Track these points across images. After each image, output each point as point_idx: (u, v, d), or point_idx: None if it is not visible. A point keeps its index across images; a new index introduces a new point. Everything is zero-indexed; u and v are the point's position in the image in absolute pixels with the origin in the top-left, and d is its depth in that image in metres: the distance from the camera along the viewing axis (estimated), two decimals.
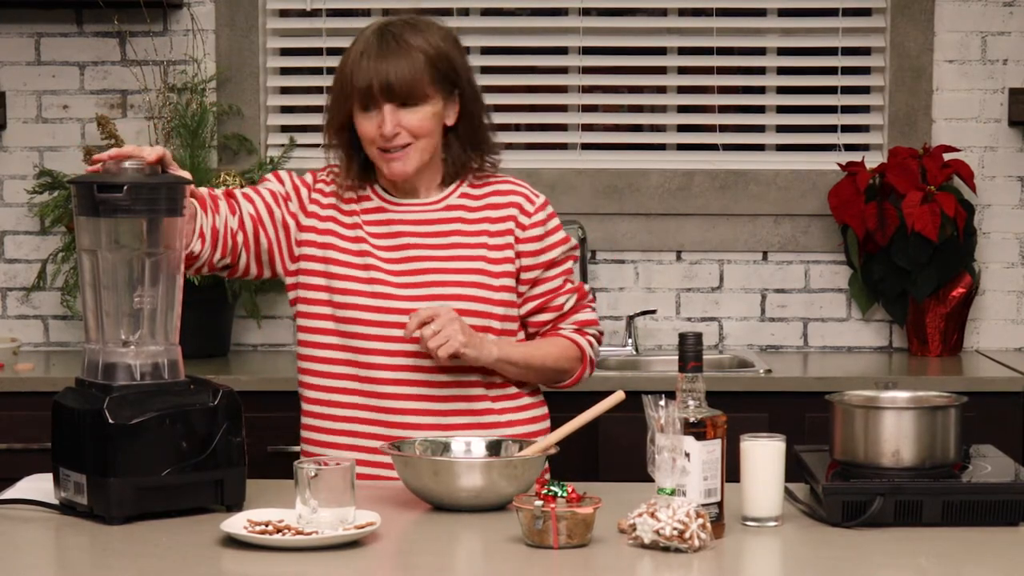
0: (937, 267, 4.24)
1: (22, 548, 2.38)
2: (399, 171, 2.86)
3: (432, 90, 2.84)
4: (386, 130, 2.82)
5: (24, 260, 4.49)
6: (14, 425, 3.87)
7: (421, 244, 2.88)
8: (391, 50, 2.83)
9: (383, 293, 2.85)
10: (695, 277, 4.46)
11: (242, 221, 2.87)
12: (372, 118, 2.83)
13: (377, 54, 2.83)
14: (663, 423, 2.31)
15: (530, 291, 2.93)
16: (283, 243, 2.91)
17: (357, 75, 2.83)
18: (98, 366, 2.52)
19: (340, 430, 2.88)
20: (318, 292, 2.89)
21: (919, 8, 4.39)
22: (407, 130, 2.83)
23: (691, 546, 2.28)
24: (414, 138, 2.84)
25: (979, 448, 2.72)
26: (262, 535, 2.30)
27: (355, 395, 2.86)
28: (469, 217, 2.91)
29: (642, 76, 4.54)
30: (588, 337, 2.97)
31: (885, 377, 3.97)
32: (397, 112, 2.82)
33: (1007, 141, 4.43)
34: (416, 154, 2.85)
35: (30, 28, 4.44)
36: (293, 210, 2.92)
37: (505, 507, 2.52)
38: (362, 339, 2.85)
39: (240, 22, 4.43)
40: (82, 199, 2.52)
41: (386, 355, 2.84)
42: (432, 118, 2.85)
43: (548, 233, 2.94)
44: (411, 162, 2.85)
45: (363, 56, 2.84)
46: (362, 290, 2.86)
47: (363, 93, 2.82)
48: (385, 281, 2.85)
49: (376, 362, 2.85)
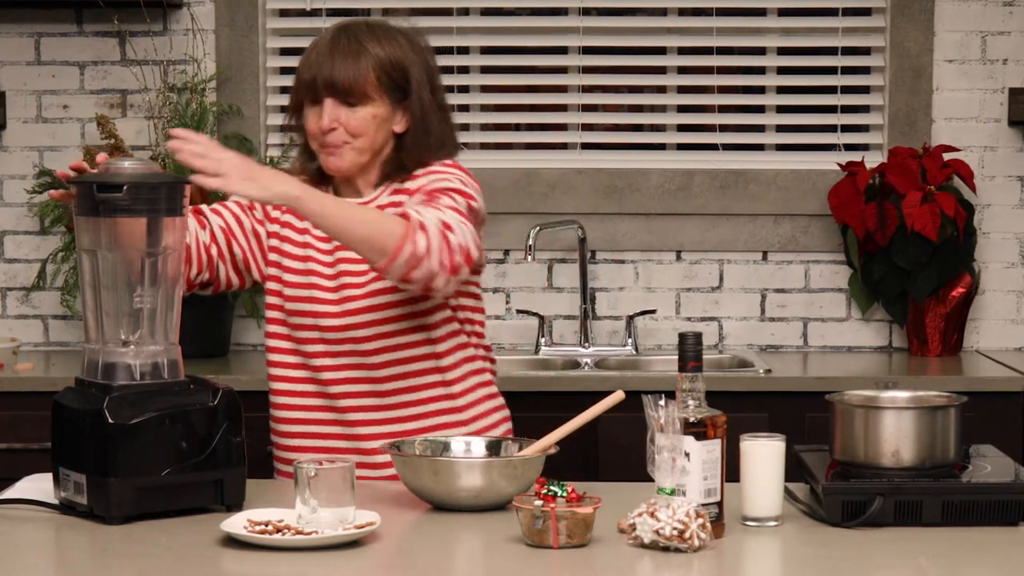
0: (937, 267, 4.24)
1: (22, 548, 2.38)
2: (334, 166, 2.85)
3: (377, 93, 2.83)
4: (322, 123, 2.82)
5: (24, 260, 4.49)
6: (14, 425, 3.87)
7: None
8: (341, 48, 2.83)
9: (319, 298, 2.85)
10: (695, 277, 4.46)
11: (213, 234, 2.88)
12: (315, 112, 2.84)
13: (328, 50, 2.84)
14: (663, 423, 2.31)
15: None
16: (256, 250, 2.92)
17: (305, 69, 2.85)
18: (98, 366, 2.52)
19: (303, 432, 2.89)
20: (274, 297, 2.91)
21: (919, 8, 4.39)
22: (345, 128, 2.82)
23: (691, 546, 2.28)
24: (352, 137, 2.83)
25: (979, 448, 2.72)
26: (262, 535, 2.30)
27: (313, 397, 2.88)
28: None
29: (642, 76, 4.54)
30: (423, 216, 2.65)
31: (885, 377, 3.97)
32: (338, 108, 2.82)
33: (1007, 141, 4.43)
34: (352, 153, 2.84)
35: (30, 28, 4.44)
36: (259, 217, 2.93)
37: (505, 507, 2.51)
38: (309, 344, 2.87)
39: (240, 22, 4.43)
40: (82, 199, 2.52)
41: (331, 357, 2.85)
42: (372, 120, 2.83)
43: (427, 173, 2.85)
44: (345, 159, 2.84)
45: (315, 51, 2.85)
46: (303, 296, 2.87)
47: (308, 86, 2.84)
48: (321, 286, 2.86)
49: (324, 363, 2.86)
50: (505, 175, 4.43)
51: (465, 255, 2.67)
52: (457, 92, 4.50)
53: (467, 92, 4.53)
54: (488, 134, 4.56)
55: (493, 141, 4.55)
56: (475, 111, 4.55)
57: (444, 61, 4.43)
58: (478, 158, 4.48)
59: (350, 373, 2.85)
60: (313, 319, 2.86)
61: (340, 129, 2.83)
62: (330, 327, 2.85)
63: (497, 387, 3.01)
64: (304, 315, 2.87)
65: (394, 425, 2.86)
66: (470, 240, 2.69)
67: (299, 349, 2.89)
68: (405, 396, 2.87)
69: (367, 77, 2.82)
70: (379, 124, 2.85)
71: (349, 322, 2.83)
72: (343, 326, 2.84)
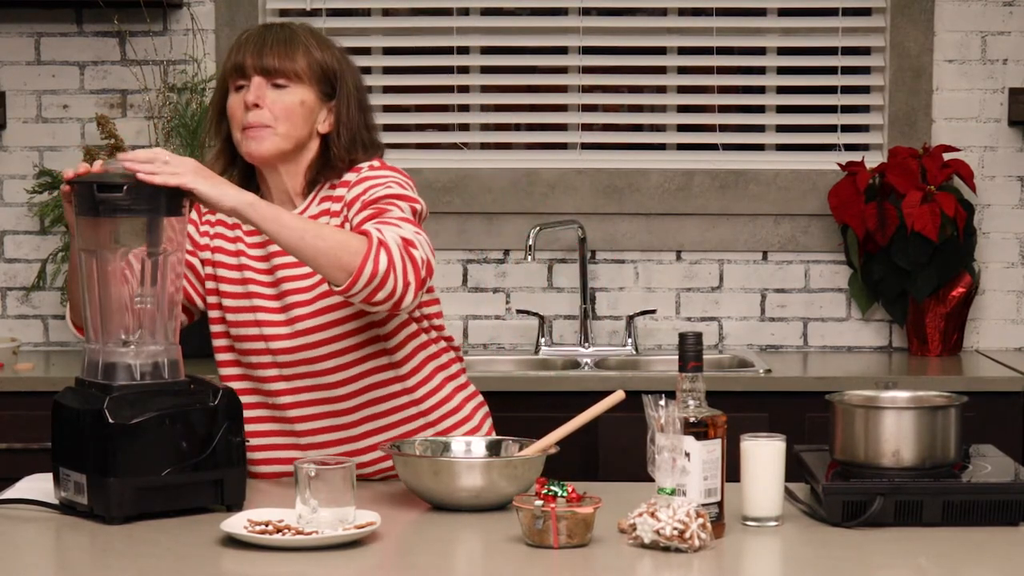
0: (937, 267, 4.24)
1: (22, 548, 2.38)
2: (254, 150, 2.76)
3: (307, 78, 2.77)
4: (248, 97, 2.75)
5: (24, 260, 4.49)
6: (14, 425, 3.87)
7: (289, 263, 2.78)
8: (274, 35, 2.80)
9: (265, 320, 2.80)
10: (695, 277, 4.46)
11: None
12: (241, 96, 2.78)
13: (257, 35, 2.80)
14: (663, 423, 2.31)
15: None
16: (196, 282, 2.87)
17: (234, 54, 2.80)
18: (98, 366, 2.52)
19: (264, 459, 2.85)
20: (216, 324, 2.86)
21: (919, 8, 4.40)
22: (270, 109, 2.76)
23: (691, 546, 2.28)
24: (275, 120, 2.76)
25: (979, 448, 2.72)
26: (262, 535, 2.30)
27: (269, 422, 2.84)
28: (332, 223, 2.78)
29: (642, 76, 4.54)
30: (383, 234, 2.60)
31: (885, 377, 3.97)
32: (265, 88, 2.76)
33: (1007, 141, 4.43)
34: (274, 138, 2.76)
35: (30, 28, 4.44)
36: (189, 248, 2.85)
37: (505, 507, 2.52)
38: (261, 368, 2.82)
39: (240, 22, 4.43)
40: (82, 199, 2.52)
41: (285, 380, 2.81)
42: (299, 105, 2.77)
43: (361, 180, 2.76)
44: (266, 144, 2.76)
45: (246, 38, 2.81)
46: (247, 320, 2.82)
47: (236, 68, 2.78)
48: (265, 308, 2.80)
49: (279, 388, 2.82)
50: (505, 175, 4.43)
51: (428, 267, 2.61)
52: (457, 92, 4.51)
53: (467, 92, 4.53)
54: (488, 134, 4.56)
55: (493, 141, 4.55)
56: (475, 111, 4.55)
57: (444, 61, 4.46)
58: (478, 158, 4.48)
59: (307, 396, 2.81)
60: (264, 342, 2.80)
61: (264, 110, 2.76)
62: (282, 349, 2.79)
63: (467, 377, 2.96)
64: (252, 339, 2.81)
65: (355, 443, 2.82)
66: (428, 251, 2.63)
67: (250, 374, 2.84)
68: (367, 410, 2.82)
69: (299, 60, 2.77)
70: (305, 113, 2.78)
71: (302, 342, 2.78)
72: (295, 347, 2.78)
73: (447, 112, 4.52)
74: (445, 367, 2.90)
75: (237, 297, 2.83)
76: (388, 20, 4.54)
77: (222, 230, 2.87)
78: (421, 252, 2.61)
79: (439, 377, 2.88)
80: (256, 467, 2.85)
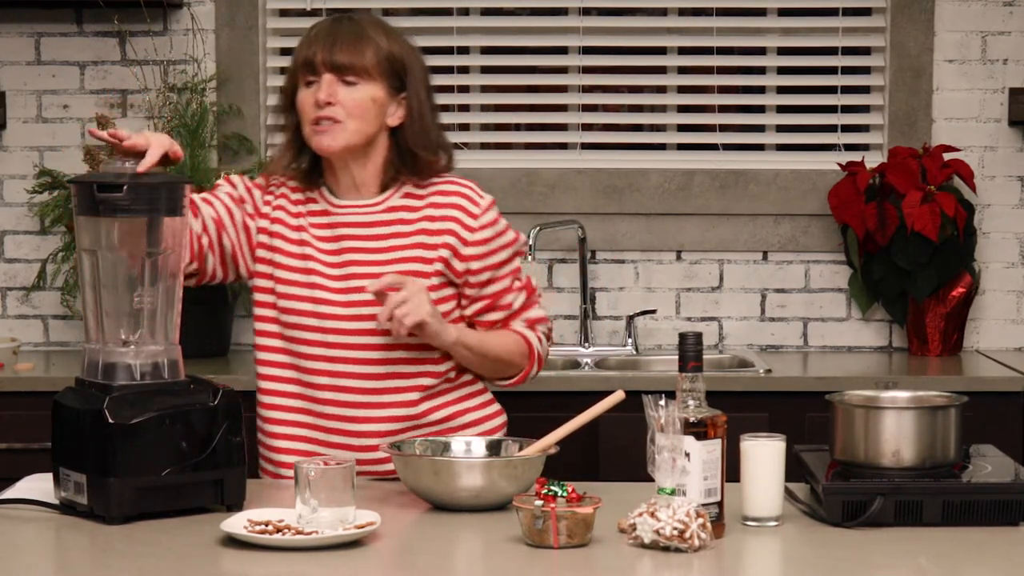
0: (937, 267, 4.24)
1: (22, 548, 2.38)
2: (326, 145, 2.81)
3: (377, 74, 2.81)
4: (320, 95, 2.79)
5: (24, 260, 4.49)
6: (14, 425, 3.87)
7: (360, 248, 2.85)
8: (344, 29, 2.83)
9: (322, 299, 2.84)
10: (695, 277, 4.46)
11: (204, 224, 2.86)
12: (312, 91, 2.82)
13: (328, 30, 2.83)
14: (663, 423, 2.31)
15: (479, 292, 2.90)
16: (244, 245, 2.90)
17: (304, 49, 2.83)
18: (98, 366, 2.52)
19: (285, 435, 2.87)
20: (265, 295, 2.89)
21: (919, 8, 4.39)
22: (342, 105, 2.80)
23: (691, 546, 2.28)
24: (347, 116, 2.80)
25: (979, 448, 2.72)
26: (262, 535, 2.30)
27: (298, 399, 2.86)
28: (409, 218, 2.87)
29: (642, 76, 4.54)
30: (538, 333, 2.95)
31: (885, 377, 3.97)
32: (336, 85, 2.80)
33: (1007, 141, 4.43)
34: (345, 134, 2.81)
35: (30, 28, 4.44)
36: (250, 211, 2.90)
37: (505, 507, 2.51)
38: (303, 344, 2.85)
39: (240, 22, 4.43)
40: (82, 199, 2.52)
41: (326, 360, 2.83)
42: (370, 102, 2.81)
43: (497, 235, 2.90)
44: (338, 139, 2.81)
45: (315, 34, 2.84)
46: (302, 295, 2.85)
47: (306, 63, 2.82)
48: (325, 287, 2.84)
49: (317, 367, 2.84)
50: (505, 175, 4.43)
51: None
52: (457, 92, 4.50)
53: (467, 92, 4.53)
54: (488, 134, 4.56)
55: (493, 141, 4.55)
56: (475, 111, 4.55)
57: (444, 61, 4.46)
58: (478, 158, 4.48)
59: (344, 381, 2.83)
60: (317, 320, 2.84)
61: (337, 106, 2.80)
62: (335, 330, 2.83)
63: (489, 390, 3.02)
64: (303, 315, 2.85)
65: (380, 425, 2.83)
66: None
67: (291, 349, 2.87)
68: (392, 396, 2.84)
69: (369, 56, 2.81)
70: (376, 109, 2.83)
71: (358, 327, 2.82)
72: (351, 330, 2.82)
73: (447, 112, 4.52)
74: (463, 385, 2.94)
75: (295, 272, 2.86)
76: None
77: (284, 203, 2.91)
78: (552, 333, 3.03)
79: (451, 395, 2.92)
80: (274, 441, 2.87)
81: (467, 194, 2.89)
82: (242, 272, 2.92)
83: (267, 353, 2.89)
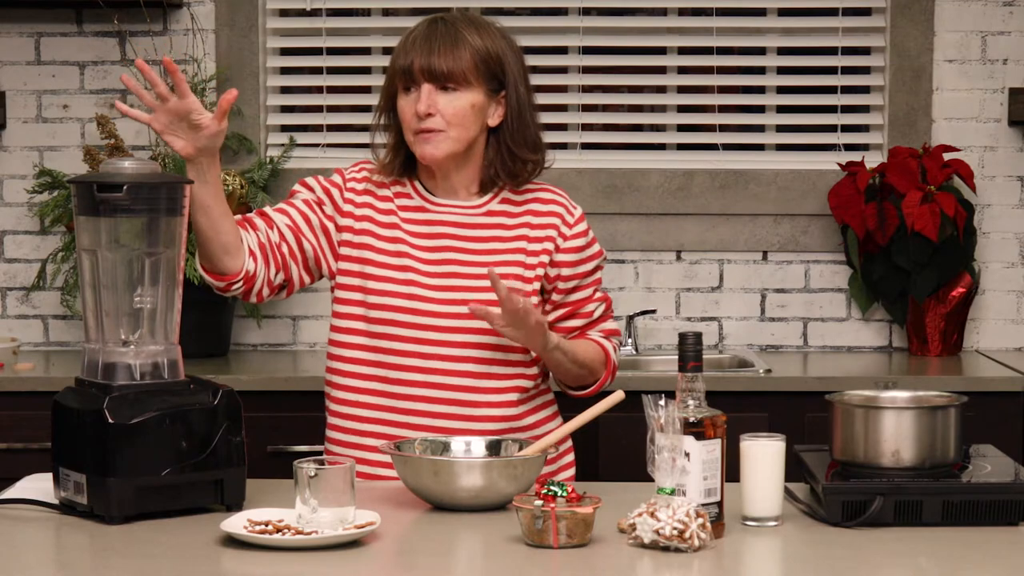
0: (937, 267, 4.24)
1: (22, 548, 2.38)
2: (429, 154, 2.82)
3: (475, 79, 2.81)
4: (420, 108, 2.79)
5: (24, 260, 4.49)
6: (14, 425, 3.87)
7: (460, 248, 2.86)
8: (440, 35, 2.82)
9: (418, 295, 2.82)
10: (695, 277, 4.46)
11: (282, 233, 2.85)
12: (411, 99, 2.82)
13: (424, 37, 2.83)
14: (663, 423, 2.31)
15: (564, 299, 2.91)
16: (326, 247, 2.89)
17: (402, 56, 2.83)
18: (98, 366, 2.52)
19: (365, 431, 2.85)
20: (352, 292, 2.86)
21: (919, 8, 4.40)
22: (442, 115, 2.80)
23: (691, 546, 2.28)
24: (447, 125, 2.80)
25: (979, 448, 2.72)
26: (262, 535, 2.30)
27: (381, 396, 2.84)
28: (509, 223, 2.89)
29: (642, 76, 4.55)
30: (613, 343, 2.98)
31: (885, 377, 3.97)
32: (435, 94, 2.80)
33: (1007, 141, 4.43)
34: (447, 142, 2.81)
35: (30, 28, 4.44)
36: (329, 213, 2.89)
37: (505, 507, 2.52)
38: (393, 340, 2.83)
39: (240, 22, 4.43)
40: (82, 199, 2.52)
41: (417, 357, 2.82)
42: (470, 108, 2.82)
43: (588, 244, 2.93)
44: (441, 147, 2.81)
45: (412, 39, 2.84)
46: (398, 291, 2.83)
47: (405, 72, 2.82)
48: (420, 283, 2.83)
49: (406, 363, 2.82)
50: None
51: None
52: None
53: None
54: None
55: None
56: None
57: None
58: None
59: (436, 378, 2.82)
60: (411, 316, 2.82)
61: (437, 116, 2.80)
62: (431, 326, 2.81)
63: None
64: (397, 311, 2.82)
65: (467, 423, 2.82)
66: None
67: (377, 345, 2.84)
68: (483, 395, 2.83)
69: (467, 63, 2.80)
70: (476, 113, 2.83)
71: (455, 325, 2.81)
72: (447, 328, 2.81)
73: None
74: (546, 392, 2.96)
75: (389, 268, 2.85)
76: (388, 20, 4.54)
77: (370, 200, 2.89)
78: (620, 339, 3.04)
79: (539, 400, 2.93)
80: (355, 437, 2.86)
81: (563, 203, 2.93)
82: (324, 273, 2.91)
83: (347, 350, 2.86)
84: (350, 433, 2.87)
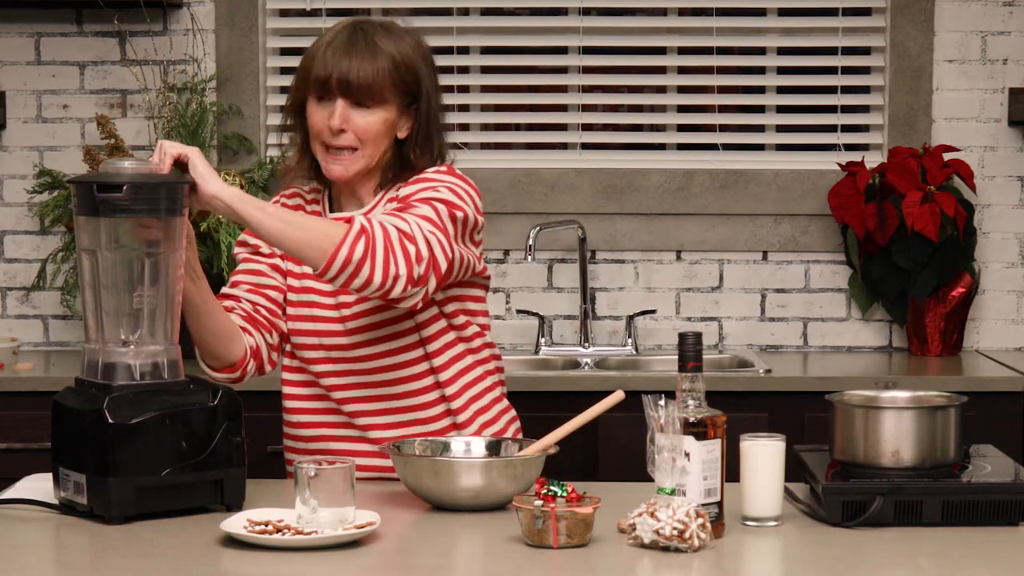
0: (937, 267, 4.24)
1: (22, 548, 2.38)
2: (338, 174, 2.79)
3: (391, 95, 2.78)
4: (333, 122, 2.75)
5: (24, 260, 4.49)
6: (14, 425, 3.87)
7: None
8: (358, 48, 2.77)
9: (318, 316, 2.84)
10: (695, 277, 4.46)
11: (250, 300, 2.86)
12: (324, 110, 2.78)
13: (343, 48, 2.77)
14: (663, 423, 2.31)
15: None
16: (283, 284, 2.90)
17: (317, 64, 2.77)
18: (98, 366, 2.52)
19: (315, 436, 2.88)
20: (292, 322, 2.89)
21: (919, 8, 4.40)
22: (355, 132, 2.76)
23: (691, 546, 2.28)
24: (360, 143, 2.77)
25: (979, 448, 2.72)
26: (262, 535, 2.30)
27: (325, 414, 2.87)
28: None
29: (642, 76, 4.55)
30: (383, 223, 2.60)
31: (885, 377, 3.97)
32: (349, 110, 2.77)
33: (1007, 141, 4.43)
34: (359, 161, 2.78)
35: (30, 28, 4.44)
36: (267, 251, 2.89)
37: (505, 507, 2.52)
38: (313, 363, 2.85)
39: (240, 22, 4.43)
40: (82, 199, 2.52)
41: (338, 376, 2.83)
42: (383, 125, 2.78)
43: (417, 180, 2.77)
44: (352, 168, 2.78)
45: (329, 47, 2.78)
46: (302, 314, 2.85)
47: (320, 83, 2.77)
48: (321, 304, 2.84)
49: (323, 370, 2.84)
50: (505, 175, 4.43)
51: (429, 265, 2.60)
52: (457, 92, 4.51)
53: (467, 92, 4.53)
54: (488, 134, 4.56)
55: (493, 141, 4.55)
56: (475, 111, 4.55)
57: (444, 61, 4.45)
58: (478, 158, 4.48)
59: (360, 393, 2.83)
60: (317, 338, 2.84)
61: (349, 133, 2.77)
62: (335, 346, 2.82)
63: (504, 392, 2.97)
64: (307, 334, 2.85)
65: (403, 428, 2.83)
66: (439, 251, 2.63)
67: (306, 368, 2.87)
68: (406, 400, 2.84)
69: (384, 80, 2.76)
70: (388, 129, 2.80)
71: (353, 340, 2.81)
72: (348, 344, 2.82)
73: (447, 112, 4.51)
74: (479, 380, 2.89)
75: (296, 291, 2.86)
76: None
77: None
78: (421, 247, 2.59)
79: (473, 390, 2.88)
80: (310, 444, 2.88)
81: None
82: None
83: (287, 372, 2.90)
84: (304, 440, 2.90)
